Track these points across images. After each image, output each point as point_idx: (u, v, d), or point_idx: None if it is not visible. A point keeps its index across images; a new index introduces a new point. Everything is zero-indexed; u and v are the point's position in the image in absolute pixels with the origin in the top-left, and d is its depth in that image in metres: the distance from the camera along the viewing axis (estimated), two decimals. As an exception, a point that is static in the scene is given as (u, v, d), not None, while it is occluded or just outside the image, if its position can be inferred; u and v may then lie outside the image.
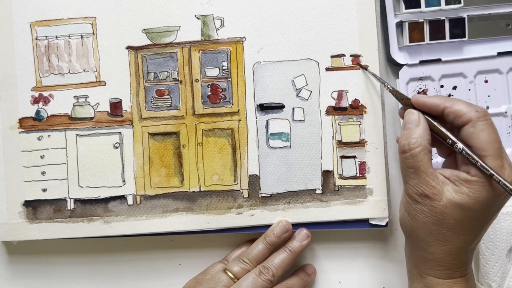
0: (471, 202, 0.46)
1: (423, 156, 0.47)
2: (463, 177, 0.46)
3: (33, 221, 0.57)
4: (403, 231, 0.51)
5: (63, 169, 0.58)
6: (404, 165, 0.49)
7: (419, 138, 0.48)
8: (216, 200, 0.57)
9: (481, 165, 0.45)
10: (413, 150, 0.47)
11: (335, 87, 0.57)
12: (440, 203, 0.46)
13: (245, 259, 0.55)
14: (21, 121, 0.58)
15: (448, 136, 0.48)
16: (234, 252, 0.58)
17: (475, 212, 0.46)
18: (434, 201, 0.47)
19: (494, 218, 0.48)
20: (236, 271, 0.54)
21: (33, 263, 0.60)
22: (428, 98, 0.49)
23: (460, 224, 0.47)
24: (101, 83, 0.58)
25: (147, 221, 0.57)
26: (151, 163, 0.58)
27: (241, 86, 0.57)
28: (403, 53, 0.58)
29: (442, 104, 0.48)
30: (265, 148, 0.57)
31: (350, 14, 0.57)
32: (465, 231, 0.47)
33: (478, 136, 0.46)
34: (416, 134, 0.48)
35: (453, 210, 0.46)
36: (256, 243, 0.56)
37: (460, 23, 0.57)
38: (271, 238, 0.56)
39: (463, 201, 0.46)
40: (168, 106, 0.58)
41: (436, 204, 0.47)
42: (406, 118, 0.50)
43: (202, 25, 0.57)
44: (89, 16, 0.58)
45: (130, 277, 0.60)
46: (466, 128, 0.47)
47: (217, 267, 0.57)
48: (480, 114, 0.46)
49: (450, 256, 0.48)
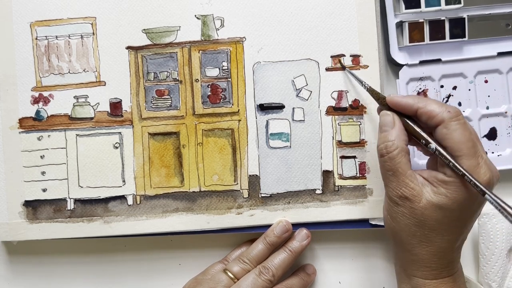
0: (450, 203, 0.46)
1: (400, 158, 0.47)
2: (440, 178, 0.46)
3: (33, 221, 0.57)
4: (387, 234, 0.51)
5: (63, 169, 0.58)
6: (383, 168, 0.49)
7: (395, 140, 0.48)
8: (216, 200, 0.57)
9: (453, 165, 0.45)
10: (391, 153, 0.48)
11: (335, 87, 0.57)
12: (420, 205, 0.46)
13: (245, 259, 0.55)
14: (21, 121, 0.58)
15: (422, 136, 0.48)
16: (234, 252, 0.58)
17: (454, 212, 0.46)
18: (414, 203, 0.47)
19: (477, 216, 0.48)
20: (236, 271, 0.54)
21: (33, 263, 0.60)
22: (402, 98, 0.49)
23: (441, 224, 0.47)
24: (101, 83, 0.58)
25: (147, 221, 0.57)
26: (151, 163, 0.58)
27: (241, 86, 0.57)
28: (403, 53, 0.58)
29: (416, 105, 0.48)
30: (265, 148, 0.57)
31: (350, 14, 0.57)
32: (447, 231, 0.47)
33: (451, 137, 0.46)
34: (392, 137, 0.48)
35: (433, 211, 0.46)
36: (256, 243, 0.56)
37: (460, 23, 0.57)
38: (271, 238, 0.56)
39: (441, 202, 0.46)
40: (168, 106, 0.58)
41: (416, 206, 0.47)
42: (381, 120, 0.50)
43: (202, 25, 0.57)
44: (89, 16, 0.58)
45: (130, 277, 0.60)
46: (439, 128, 0.46)
47: (217, 267, 0.56)
48: (453, 114, 0.46)
49: (435, 257, 0.48)
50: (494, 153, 0.58)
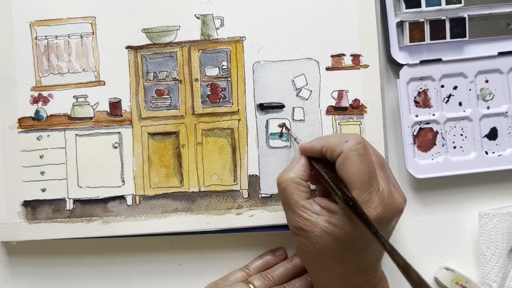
0: (342, 233, 0.46)
1: (292, 190, 0.48)
2: (334, 208, 0.47)
3: (32, 221, 0.57)
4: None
5: (62, 169, 0.58)
6: (281, 200, 0.50)
7: (290, 173, 0.49)
8: (216, 200, 0.57)
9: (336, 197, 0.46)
10: (281, 185, 0.49)
11: (335, 87, 0.57)
12: (315, 234, 0.47)
13: (269, 276, 0.55)
14: (21, 121, 0.58)
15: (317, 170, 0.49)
16: (255, 262, 0.58)
17: (348, 241, 0.46)
18: (309, 233, 0.47)
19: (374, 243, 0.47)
20: (258, 286, 0.54)
21: (32, 264, 0.60)
22: (308, 143, 0.50)
23: (339, 253, 0.47)
24: (100, 83, 0.58)
25: (146, 222, 0.57)
26: (151, 163, 0.57)
27: (241, 85, 0.57)
28: (404, 53, 0.58)
29: (319, 144, 0.48)
30: (265, 148, 0.57)
31: (350, 14, 0.57)
32: (346, 259, 0.47)
33: (346, 168, 0.46)
34: (288, 170, 0.49)
35: (328, 240, 0.46)
36: (283, 263, 0.57)
37: (460, 23, 0.57)
38: (298, 261, 0.56)
39: (334, 232, 0.46)
40: (168, 106, 0.57)
41: (311, 235, 0.47)
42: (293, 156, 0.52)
43: (202, 25, 0.57)
44: (88, 16, 0.58)
45: (130, 278, 0.60)
46: (338, 160, 0.47)
47: (238, 274, 0.56)
48: (351, 145, 0.46)
49: (338, 281, 0.48)
50: (495, 153, 0.58)
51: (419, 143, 0.58)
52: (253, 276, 0.55)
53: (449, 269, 0.57)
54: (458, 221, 0.59)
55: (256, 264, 0.58)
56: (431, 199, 0.59)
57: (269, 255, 0.58)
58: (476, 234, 0.57)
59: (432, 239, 0.59)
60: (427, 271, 0.58)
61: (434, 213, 0.59)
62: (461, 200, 0.59)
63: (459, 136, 0.58)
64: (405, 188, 0.59)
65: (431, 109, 0.58)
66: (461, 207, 0.59)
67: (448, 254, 0.59)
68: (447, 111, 0.58)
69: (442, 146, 0.58)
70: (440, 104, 0.58)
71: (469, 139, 0.58)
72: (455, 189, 0.59)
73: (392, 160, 0.58)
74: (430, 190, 0.59)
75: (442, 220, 0.59)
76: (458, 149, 0.58)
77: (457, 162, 0.57)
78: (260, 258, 0.58)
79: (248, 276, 0.56)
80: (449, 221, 0.59)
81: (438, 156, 0.57)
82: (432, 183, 0.59)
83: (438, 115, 0.58)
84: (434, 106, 0.58)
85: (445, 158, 0.57)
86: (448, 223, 0.59)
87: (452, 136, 0.58)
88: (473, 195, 0.59)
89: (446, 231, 0.59)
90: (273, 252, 0.58)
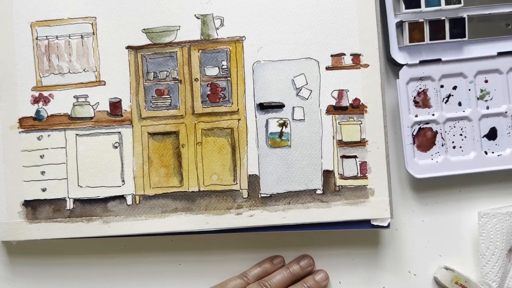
0: None
1: None
2: None
3: (33, 221, 0.57)
4: None
5: (62, 168, 0.58)
6: None
7: None
8: (215, 200, 0.57)
9: None
10: None
11: (335, 86, 0.57)
12: None
13: (266, 284, 0.56)
14: (21, 120, 0.58)
15: None
16: (254, 270, 0.58)
17: None
18: None
19: None
20: None
21: (32, 263, 0.60)
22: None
23: None
24: (101, 83, 0.58)
25: (146, 221, 0.57)
26: (151, 163, 0.58)
27: (241, 85, 0.57)
28: (403, 53, 0.58)
29: None
30: (264, 147, 0.57)
31: (350, 13, 0.57)
32: None
33: None
34: None
35: None
36: (280, 271, 0.57)
37: (460, 23, 0.57)
38: (295, 269, 0.57)
39: None
40: (168, 106, 0.58)
41: None
42: None
43: (202, 25, 0.57)
44: (89, 16, 0.58)
45: (130, 277, 0.60)
46: None
47: (236, 282, 0.57)
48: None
49: None
50: (494, 153, 0.58)
51: (419, 143, 0.58)
52: (251, 285, 0.56)
53: (448, 269, 0.57)
54: (457, 221, 0.59)
55: (254, 272, 0.58)
56: (431, 199, 0.59)
57: (267, 263, 0.58)
58: (476, 233, 0.57)
59: (431, 239, 0.59)
60: (426, 271, 0.58)
61: (433, 213, 0.59)
62: (461, 200, 0.59)
63: (459, 136, 0.58)
64: (405, 188, 0.59)
65: (431, 109, 0.58)
66: (461, 207, 0.59)
67: (447, 254, 0.59)
68: (446, 111, 0.58)
69: (441, 146, 0.58)
70: (440, 104, 0.58)
71: (468, 139, 0.58)
72: (455, 189, 0.59)
73: (392, 160, 0.58)
74: (429, 190, 0.59)
75: (442, 220, 0.59)
76: (457, 149, 0.58)
77: (456, 162, 0.58)
78: (259, 266, 0.58)
79: (246, 284, 0.56)
80: (449, 221, 0.59)
81: (437, 156, 0.58)
82: (432, 183, 0.59)
83: (437, 115, 0.58)
84: (434, 106, 0.58)
85: (445, 158, 0.58)
86: (448, 223, 0.59)
87: (452, 136, 0.58)
88: (473, 195, 0.59)
89: (446, 230, 0.59)
90: (271, 260, 0.59)
